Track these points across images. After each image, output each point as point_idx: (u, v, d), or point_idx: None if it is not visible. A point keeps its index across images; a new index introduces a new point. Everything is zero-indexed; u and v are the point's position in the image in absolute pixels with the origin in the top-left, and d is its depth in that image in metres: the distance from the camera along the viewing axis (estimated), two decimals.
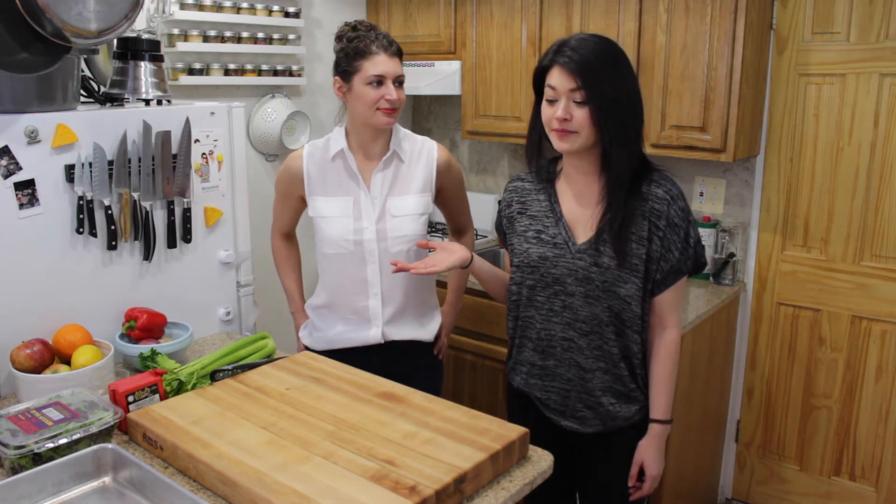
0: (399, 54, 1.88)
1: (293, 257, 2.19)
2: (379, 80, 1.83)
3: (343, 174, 1.94)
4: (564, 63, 1.49)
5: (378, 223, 1.92)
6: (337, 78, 1.90)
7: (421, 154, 1.98)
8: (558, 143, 1.55)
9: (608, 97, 1.49)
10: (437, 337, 2.10)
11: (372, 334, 1.97)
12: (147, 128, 1.86)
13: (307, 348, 2.09)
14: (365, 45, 1.83)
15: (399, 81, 1.87)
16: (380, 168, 1.93)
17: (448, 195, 2.07)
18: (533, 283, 1.65)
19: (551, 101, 1.53)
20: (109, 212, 1.82)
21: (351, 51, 1.85)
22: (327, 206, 1.95)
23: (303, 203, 2.02)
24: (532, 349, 1.69)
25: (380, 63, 1.82)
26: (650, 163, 1.62)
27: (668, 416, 1.67)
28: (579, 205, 1.63)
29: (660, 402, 1.66)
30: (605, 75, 1.48)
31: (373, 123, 1.87)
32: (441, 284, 2.37)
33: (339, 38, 1.90)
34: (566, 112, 1.50)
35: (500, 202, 1.80)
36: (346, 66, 1.86)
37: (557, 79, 1.50)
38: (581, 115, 1.49)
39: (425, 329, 2.04)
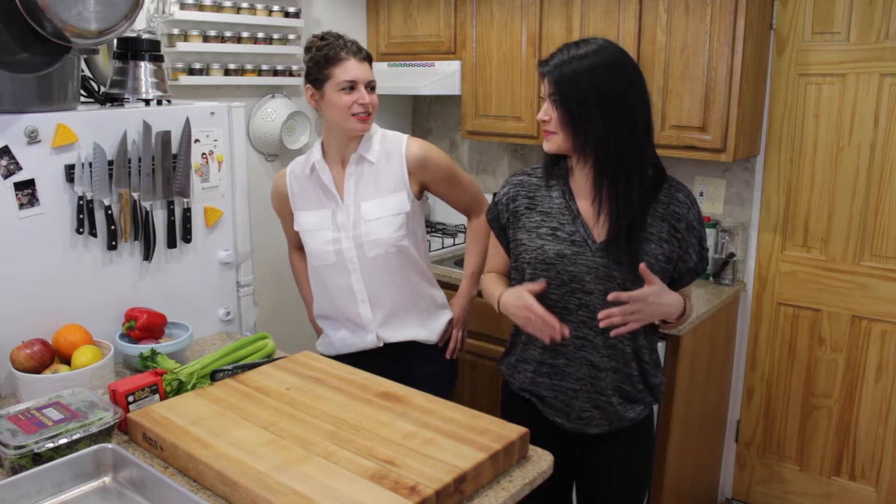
0: (368, 60, 1.88)
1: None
2: (351, 86, 1.84)
3: (319, 187, 1.96)
4: (548, 71, 1.56)
5: (354, 230, 1.92)
6: (308, 86, 1.91)
7: (392, 153, 1.94)
8: (544, 144, 1.63)
9: (576, 101, 1.52)
10: (448, 338, 2.08)
11: (369, 339, 1.99)
12: (147, 128, 1.86)
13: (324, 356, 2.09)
14: (334, 52, 1.84)
15: (371, 86, 1.87)
16: (349, 174, 1.93)
17: (437, 186, 2.01)
18: (547, 280, 1.64)
19: None
20: (109, 212, 1.82)
21: (321, 59, 1.85)
22: (308, 220, 1.98)
23: None
24: (541, 347, 1.68)
25: (350, 68, 1.83)
26: (664, 170, 1.63)
27: (684, 309, 1.63)
28: (591, 204, 1.63)
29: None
30: (577, 79, 1.52)
31: (348, 129, 1.88)
32: (451, 288, 2.36)
33: (307, 49, 1.90)
34: (545, 113, 1.58)
35: (496, 195, 1.76)
36: (316, 75, 1.87)
37: (544, 86, 1.59)
38: (556, 117, 1.56)
39: (425, 329, 2.02)
